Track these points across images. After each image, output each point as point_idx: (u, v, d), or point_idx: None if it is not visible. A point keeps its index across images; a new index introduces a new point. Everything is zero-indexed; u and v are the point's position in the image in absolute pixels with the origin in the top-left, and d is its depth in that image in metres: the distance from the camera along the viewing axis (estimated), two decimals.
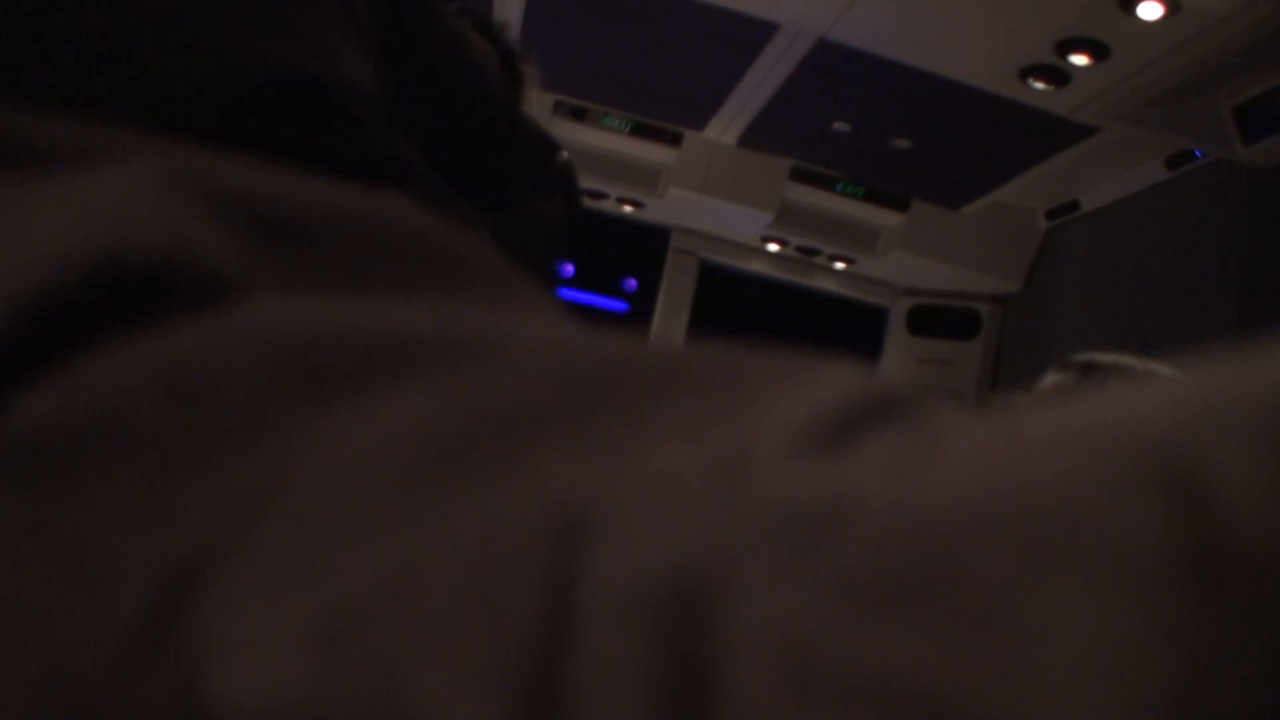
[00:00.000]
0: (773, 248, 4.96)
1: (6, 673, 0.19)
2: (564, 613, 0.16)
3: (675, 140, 4.38)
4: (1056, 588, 0.15)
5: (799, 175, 4.46)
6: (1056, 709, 0.14)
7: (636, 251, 5.02)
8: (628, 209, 4.78)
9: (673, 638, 0.16)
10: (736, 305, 5.13)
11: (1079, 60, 3.01)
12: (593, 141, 4.33)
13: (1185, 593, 0.14)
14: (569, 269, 4.67)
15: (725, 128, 4.23)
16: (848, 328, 5.16)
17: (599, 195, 4.57)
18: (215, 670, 0.17)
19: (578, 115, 4.26)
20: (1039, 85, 3.20)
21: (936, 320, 4.97)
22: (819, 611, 0.15)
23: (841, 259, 4.91)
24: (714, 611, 0.16)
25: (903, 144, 4.00)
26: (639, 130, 4.34)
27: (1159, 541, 0.15)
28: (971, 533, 0.16)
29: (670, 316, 4.97)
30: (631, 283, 5.10)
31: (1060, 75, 3.13)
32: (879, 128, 3.91)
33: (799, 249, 4.90)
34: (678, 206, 4.68)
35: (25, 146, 0.26)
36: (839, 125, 3.96)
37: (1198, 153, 3.55)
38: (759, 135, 4.22)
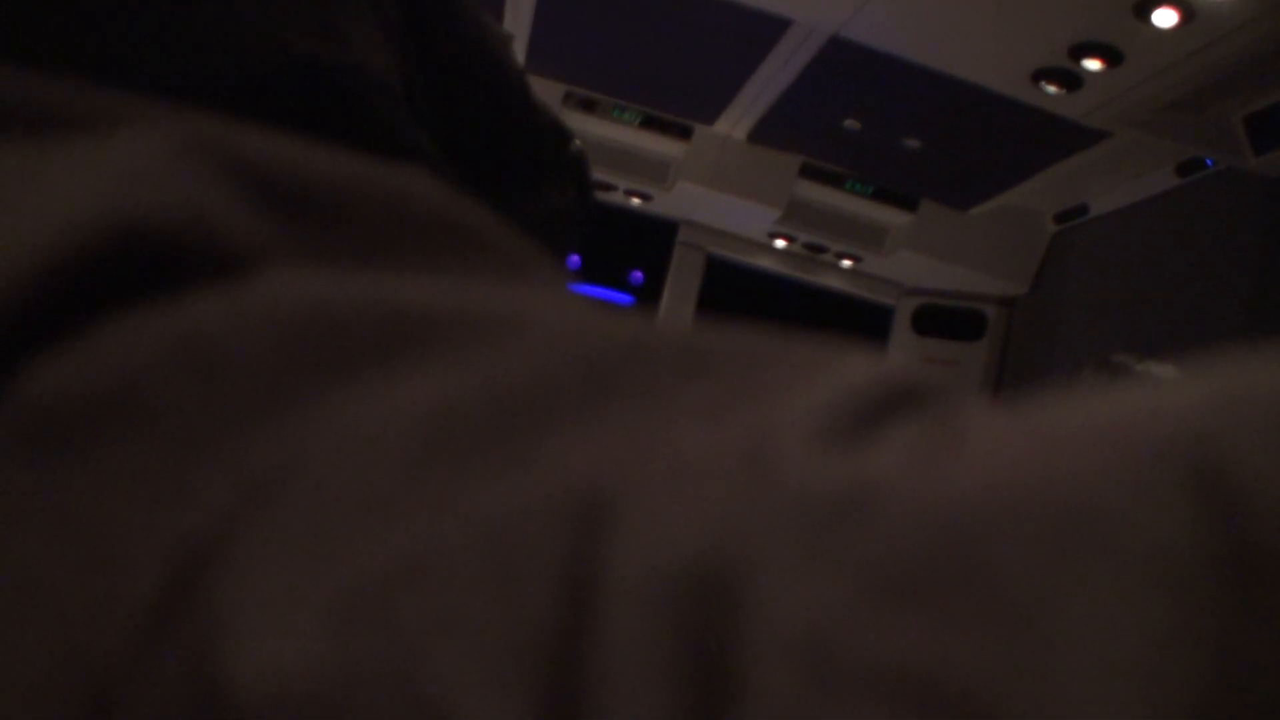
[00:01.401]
0: (780, 244, 4.96)
1: (20, 650, 0.19)
2: (584, 597, 0.16)
3: (685, 134, 4.38)
4: (1082, 584, 0.15)
5: (808, 172, 4.45)
6: (1081, 704, 0.14)
7: (643, 245, 5.02)
8: (635, 201, 4.78)
9: (693, 626, 0.16)
10: (742, 301, 5.13)
11: (1092, 65, 3.01)
12: (602, 133, 4.32)
13: (1213, 591, 0.14)
14: (575, 261, 4.66)
15: (735, 123, 4.22)
16: (853, 326, 5.15)
17: (607, 187, 4.57)
18: (230, 647, 0.17)
19: (588, 107, 4.25)
20: (1051, 89, 3.19)
21: (942, 320, 4.96)
22: (841, 603, 0.15)
23: (848, 257, 4.90)
24: (735, 601, 0.16)
25: (913, 144, 3.99)
26: (649, 123, 4.34)
27: (1187, 539, 0.15)
28: (996, 527, 0.15)
29: (676, 310, 4.96)
30: (637, 276, 5.09)
31: (1073, 79, 3.12)
32: (890, 127, 3.90)
33: (806, 246, 4.89)
34: (686, 200, 4.67)
35: (43, 111, 0.26)
36: (849, 123, 3.95)
37: (1208, 161, 3.54)
38: (769, 131, 4.21)
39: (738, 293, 5.13)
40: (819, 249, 4.89)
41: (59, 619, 0.19)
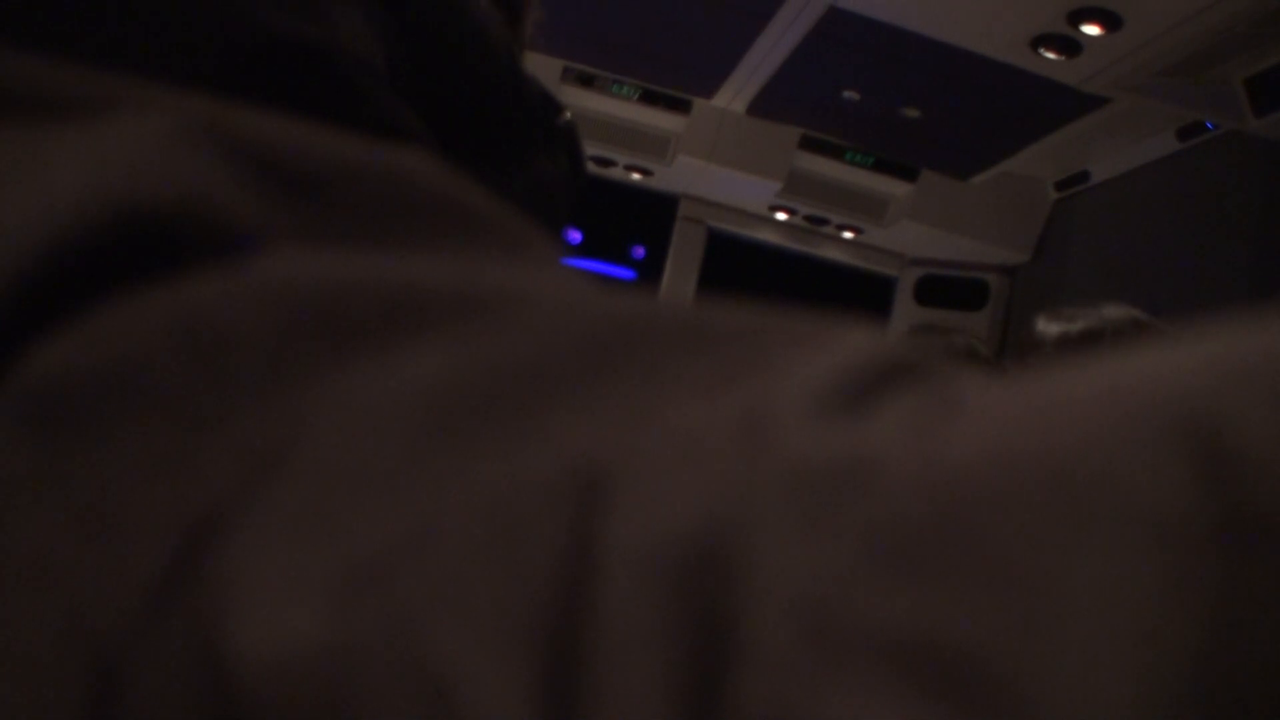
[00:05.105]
0: (781, 217, 4.95)
1: (24, 627, 0.19)
2: (584, 571, 0.16)
3: (684, 108, 4.37)
4: (1080, 548, 0.15)
5: (808, 144, 4.44)
6: (1078, 668, 0.14)
7: (644, 219, 5.02)
8: (636, 177, 4.77)
9: (693, 596, 0.16)
10: (744, 274, 5.13)
11: (1091, 30, 2.99)
12: (601, 108, 4.32)
13: (1210, 555, 0.14)
14: (576, 236, 4.66)
15: (734, 95, 4.21)
16: (855, 297, 5.15)
17: (607, 163, 4.57)
18: (234, 623, 0.17)
19: (586, 82, 4.24)
20: (1050, 55, 3.18)
21: (944, 290, 4.96)
22: (840, 570, 0.15)
23: (850, 228, 4.90)
24: (735, 570, 0.16)
25: (912, 113, 3.98)
26: (648, 97, 4.33)
27: (1184, 504, 0.15)
28: (993, 493, 0.16)
29: (678, 285, 4.96)
30: (639, 251, 5.10)
31: (1072, 45, 3.11)
32: (889, 97, 3.89)
33: (807, 218, 4.89)
34: (686, 174, 4.67)
35: (40, 95, 0.26)
36: (848, 94, 3.94)
37: (1209, 124, 3.53)
38: (768, 103, 4.20)
39: (740, 266, 5.13)
40: (820, 221, 4.89)
41: (64, 595, 0.19)
